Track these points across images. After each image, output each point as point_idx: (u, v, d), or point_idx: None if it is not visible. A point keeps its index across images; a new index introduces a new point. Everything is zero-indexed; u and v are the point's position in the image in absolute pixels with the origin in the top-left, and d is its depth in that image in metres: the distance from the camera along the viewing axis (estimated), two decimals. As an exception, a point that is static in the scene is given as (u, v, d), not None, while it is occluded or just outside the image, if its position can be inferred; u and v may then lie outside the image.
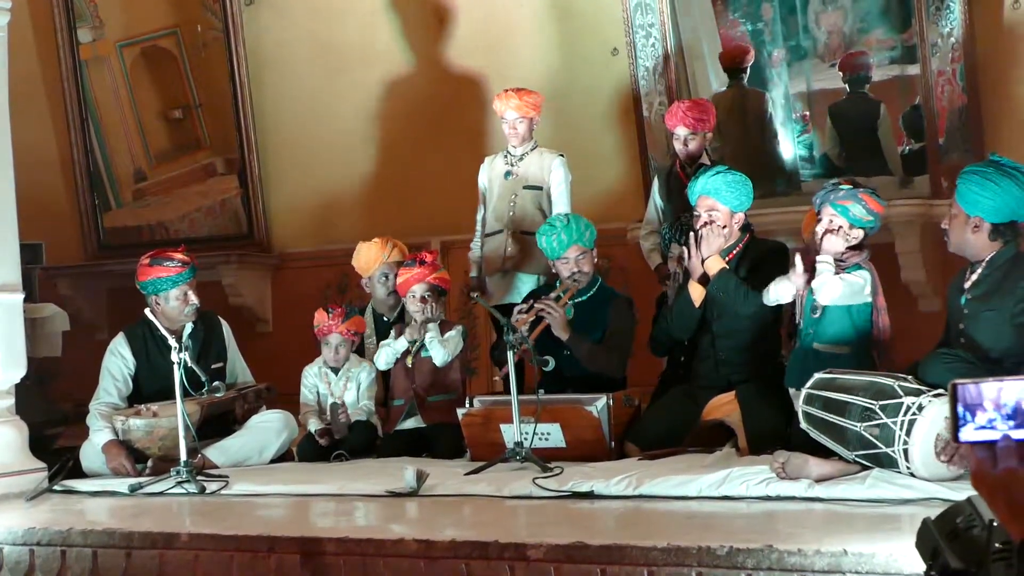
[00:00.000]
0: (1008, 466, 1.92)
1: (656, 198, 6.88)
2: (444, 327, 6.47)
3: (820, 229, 5.39)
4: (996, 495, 1.94)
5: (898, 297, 6.68)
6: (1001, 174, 4.90)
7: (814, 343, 5.38)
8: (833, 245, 5.35)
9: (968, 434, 1.96)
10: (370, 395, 6.58)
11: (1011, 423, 1.94)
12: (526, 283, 6.87)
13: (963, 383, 1.96)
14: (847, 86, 7.37)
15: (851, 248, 5.37)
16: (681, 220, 6.17)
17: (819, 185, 5.96)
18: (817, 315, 5.38)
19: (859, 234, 5.39)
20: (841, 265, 5.35)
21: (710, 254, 5.80)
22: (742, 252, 5.89)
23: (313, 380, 6.65)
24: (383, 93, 8.67)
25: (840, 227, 5.36)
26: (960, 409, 1.95)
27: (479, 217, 7.09)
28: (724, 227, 5.80)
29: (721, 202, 5.81)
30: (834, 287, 5.29)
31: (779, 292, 5.52)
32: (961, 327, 4.99)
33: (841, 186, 5.44)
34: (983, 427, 1.95)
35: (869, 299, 5.35)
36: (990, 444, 1.94)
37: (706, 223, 5.81)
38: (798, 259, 5.46)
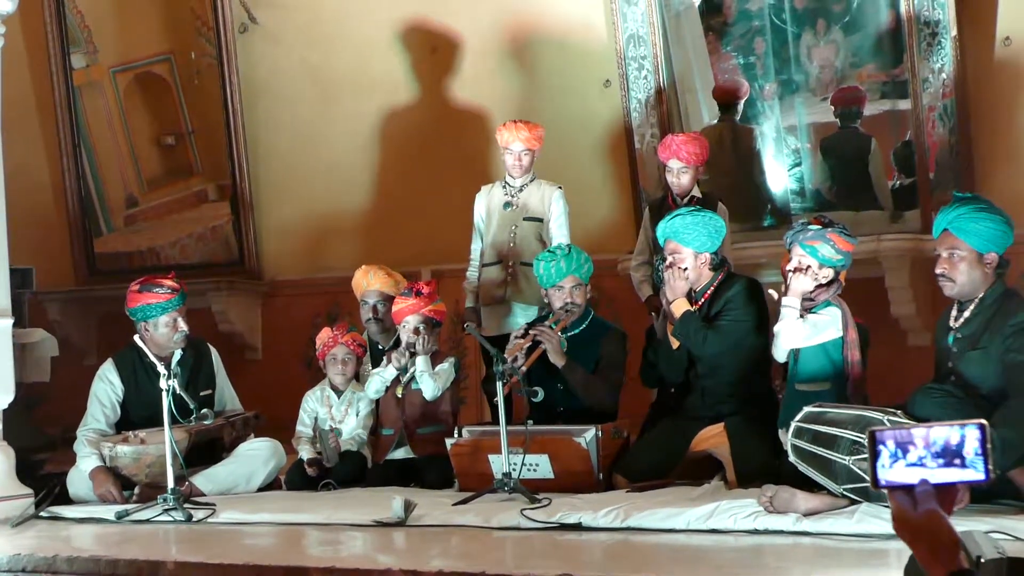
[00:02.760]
0: (928, 508, 1.95)
1: (648, 229, 6.88)
2: (436, 358, 6.44)
3: (789, 268, 5.40)
4: (918, 538, 1.96)
5: (888, 331, 6.70)
6: (990, 205, 4.91)
7: (795, 384, 5.40)
8: (801, 284, 5.37)
9: (895, 474, 1.98)
10: (365, 425, 6.54)
11: (940, 461, 1.97)
12: (521, 314, 6.85)
13: (882, 430, 1.98)
14: (838, 120, 7.40)
15: (821, 286, 5.38)
16: None
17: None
18: (796, 356, 5.39)
19: (829, 273, 5.39)
20: (809, 304, 5.36)
21: (674, 298, 5.81)
22: (715, 291, 5.89)
23: (313, 405, 6.60)
24: (376, 121, 8.68)
25: (808, 267, 5.37)
26: (892, 446, 1.98)
27: (475, 247, 7.06)
28: (686, 269, 5.81)
29: (683, 244, 5.81)
30: (795, 332, 5.32)
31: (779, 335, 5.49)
32: (950, 365, 4.96)
33: (810, 226, 5.43)
34: (913, 464, 1.98)
35: (840, 335, 5.35)
36: (908, 488, 1.97)
37: (668, 266, 5.83)
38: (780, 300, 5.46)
